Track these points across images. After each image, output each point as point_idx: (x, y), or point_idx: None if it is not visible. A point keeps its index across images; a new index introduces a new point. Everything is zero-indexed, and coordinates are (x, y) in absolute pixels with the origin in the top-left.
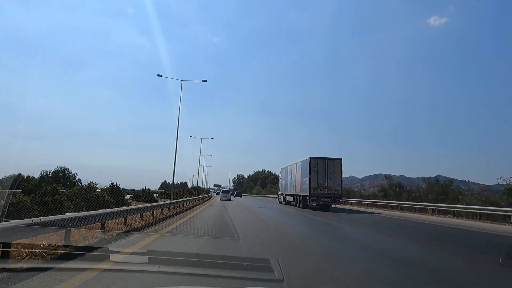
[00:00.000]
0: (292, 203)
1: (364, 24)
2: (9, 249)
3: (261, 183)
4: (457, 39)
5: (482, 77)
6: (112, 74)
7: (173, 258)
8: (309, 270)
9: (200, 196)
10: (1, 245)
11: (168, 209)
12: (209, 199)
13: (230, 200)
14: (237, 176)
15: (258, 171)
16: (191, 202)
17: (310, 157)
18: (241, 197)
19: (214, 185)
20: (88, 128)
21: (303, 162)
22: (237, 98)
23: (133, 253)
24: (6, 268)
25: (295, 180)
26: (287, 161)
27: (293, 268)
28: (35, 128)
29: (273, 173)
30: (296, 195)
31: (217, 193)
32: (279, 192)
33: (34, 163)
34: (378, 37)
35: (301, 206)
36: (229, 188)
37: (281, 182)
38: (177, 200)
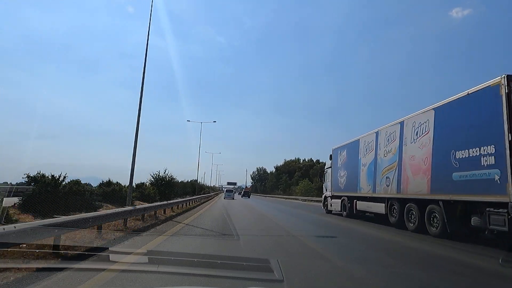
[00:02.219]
0: (381, 213)
1: (379, 19)
2: (12, 250)
3: (302, 176)
4: (481, 32)
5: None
6: (127, 74)
7: (172, 258)
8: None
9: (179, 199)
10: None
11: None
12: (199, 204)
13: (233, 199)
14: (257, 170)
15: (291, 160)
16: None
17: (507, 76)
18: (248, 197)
19: (228, 183)
20: (104, 128)
21: (453, 104)
22: (248, 97)
23: (132, 254)
24: (9, 268)
25: (400, 161)
26: (317, 151)
27: (293, 269)
28: (50, 127)
29: (319, 162)
30: (411, 200)
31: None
32: (328, 193)
33: (43, 162)
34: (392, 33)
35: (439, 226)
36: (246, 187)
37: (335, 174)
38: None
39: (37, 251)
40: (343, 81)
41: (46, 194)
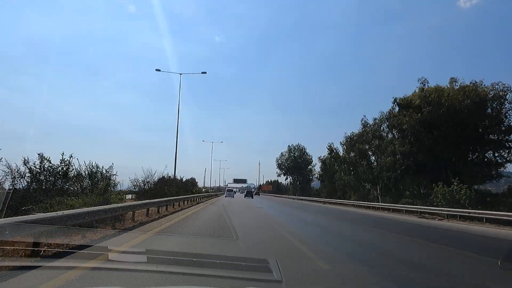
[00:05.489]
0: None
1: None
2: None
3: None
4: (494, 21)
5: None
6: (130, 76)
7: (171, 257)
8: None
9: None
10: None
11: None
12: None
13: (233, 197)
14: (290, 150)
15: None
16: None
17: None
18: (252, 197)
19: (235, 180)
20: (105, 129)
21: None
22: (254, 96)
23: (131, 252)
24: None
25: None
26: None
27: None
28: (49, 128)
29: None
30: None
31: (240, 192)
32: None
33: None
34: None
35: None
36: (260, 185)
37: None
38: None
39: (17, 248)
40: (344, 78)
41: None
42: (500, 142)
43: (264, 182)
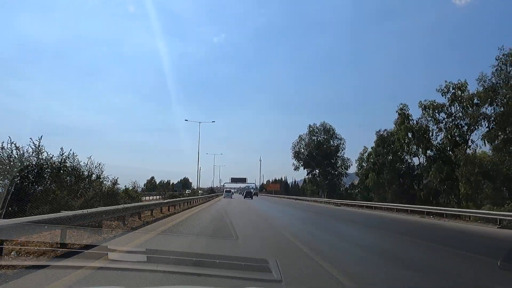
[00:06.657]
0: None
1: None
2: (5, 247)
3: None
4: (492, 17)
5: None
6: (129, 77)
7: (171, 257)
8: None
9: None
10: None
11: None
12: None
13: (231, 198)
14: (311, 131)
15: None
16: None
17: None
18: (251, 198)
19: (233, 180)
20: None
21: None
22: (254, 96)
23: (131, 252)
24: (1, 266)
25: None
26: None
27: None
28: (51, 134)
29: None
30: None
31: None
32: None
33: None
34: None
35: None
36: (258, 185)
37: None
38: None
39: (30, 247)
40: (343, 78)
41: None
42: None
43: (265, 182)
